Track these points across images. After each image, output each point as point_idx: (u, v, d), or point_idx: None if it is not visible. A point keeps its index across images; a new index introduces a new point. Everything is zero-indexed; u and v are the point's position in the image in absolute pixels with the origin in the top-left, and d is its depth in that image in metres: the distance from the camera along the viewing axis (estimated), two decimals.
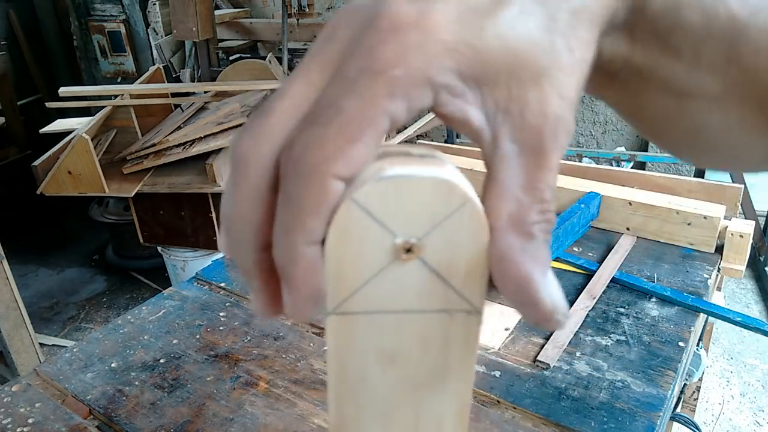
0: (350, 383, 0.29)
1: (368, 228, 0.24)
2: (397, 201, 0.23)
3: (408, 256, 0.24)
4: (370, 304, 0.26)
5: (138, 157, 2.23)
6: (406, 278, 0.25)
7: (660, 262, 1.12)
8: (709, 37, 0.26)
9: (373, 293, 0.25)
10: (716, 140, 0.30)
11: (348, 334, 0.27)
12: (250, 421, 0.79)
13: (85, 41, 3.87)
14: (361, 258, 0.24)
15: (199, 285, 1.13)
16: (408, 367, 0.28)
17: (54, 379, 0.88)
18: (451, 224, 0.24)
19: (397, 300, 0.26)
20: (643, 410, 0.78)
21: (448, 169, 0.25)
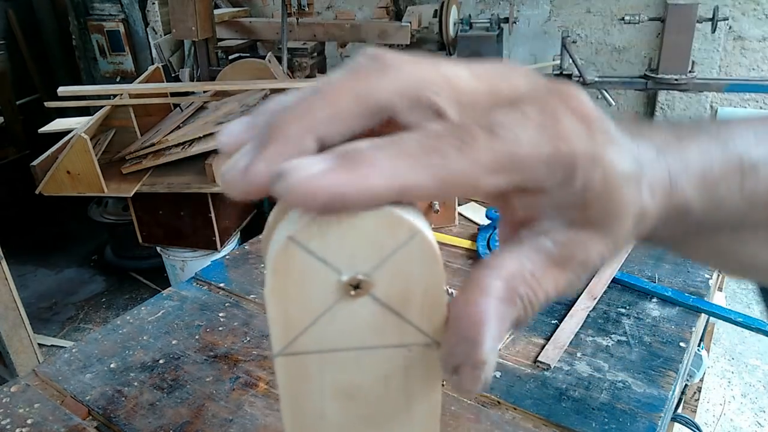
0: (307, 421, 0.28)
1: (310, 266, 0.23)
2: (339, 237, 0.22)
3: (357, 293, 0.23)
4: (321, 343, 0.25)
5: (137, 157, 2.22)
6: (357, 315, 0.24)
7: (661, 262, 1.12)
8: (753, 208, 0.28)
9: (323, 332, 0.24)
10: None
11: (300, 373, 0.26)
12: (249, 422, 0.79)
13: (84, 41, 3.86)
14: (306, 297, 0.23)
15: (198, 285, 1.12)
16: (368, 403, 0.27)
17: (53, 379, 0.88)
18: (401, 258, 0.23)
19: (350, 337, 0.25)
20: (644, 411, 0.78)
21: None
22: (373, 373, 0.26)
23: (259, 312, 1.03)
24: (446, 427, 0.76)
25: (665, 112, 3.20)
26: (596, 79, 2.54)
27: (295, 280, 0.23)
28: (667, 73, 2.44)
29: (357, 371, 0.26)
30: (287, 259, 0.23)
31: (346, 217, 0.22)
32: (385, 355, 0.25)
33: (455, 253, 1.20)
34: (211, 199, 2.26)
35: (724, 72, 3.10)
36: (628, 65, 3.25)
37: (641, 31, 3.14)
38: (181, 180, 2.20)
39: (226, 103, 2.47)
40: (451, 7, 2.73)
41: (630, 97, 3.32)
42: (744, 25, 2.98)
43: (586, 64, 3.16)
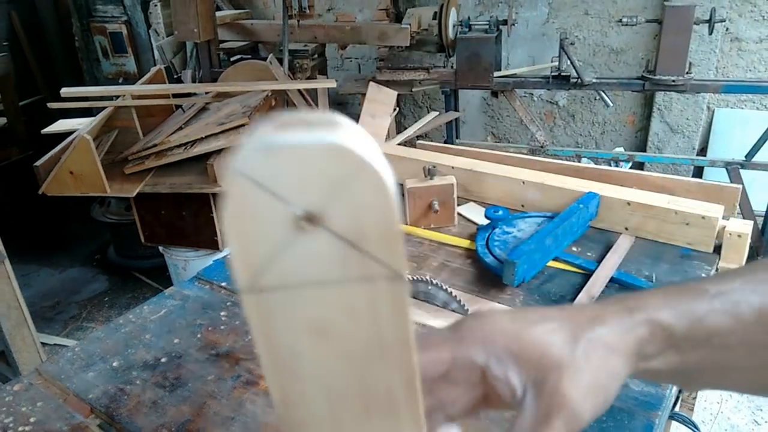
0: (284, 360, 0.28)
1: (261, 200, 0.23)
2: (288, 170, 0.22)
3: (312, 226, 0.23)
4: (286, 278, 0.25)
5: (139, 158, 2.23)
6: (316, 249, 0.24)
7: (658, 262, 1.13)
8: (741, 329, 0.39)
9: (286, 267, 0.24)
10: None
11: (269, 311, 0.26)
12: (251, 419, 0.80)
13: (86, 42, 3.87)
14: (262, 232, 0.24)
15: (200, 284, 1.13)
16: (341, 340, 0.27)
17: (56, 378, 0.89)
18: (351, 190, 0.23)
19: (313, 271, 0.25)
20: (642, 409, 0.78)
21: (343, 133, 0.23)
22: (341, 307, 0.26)
23: None
24: None
25: (662, 113, 3.21)
26: (594, 80, 2.55)
27: (250, 214, 0.23)
28: (664, 74, 2.44)
29: (325, 306, 0.26)
30: (238, 192, 0.23)
31: (294, 150, 0.22)
32: (351, 289, 0.25)
33: (454, 253, 1.20)
34: (212, 198, 2.27)
35: (721, 73, 3.11)
36: (626, 67, 3.26)
37: (639, 33, 3.15)
38: (183, 180, 2.21)
39: (227, 104, 2.48)
40: (451, 9, 2.74)
41: (627, 98, 3.33)
42: (741, 27, 2.99)
43: (584, 66, 3.16)
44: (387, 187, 0.23)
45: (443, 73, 2.74)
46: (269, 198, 0.23)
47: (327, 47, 3.42)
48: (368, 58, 3.81)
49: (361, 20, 3.44)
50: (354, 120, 1.23)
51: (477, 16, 3.37)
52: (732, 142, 3.11)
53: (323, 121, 0.23)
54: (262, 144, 0.22)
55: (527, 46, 3.43)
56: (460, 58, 2.63)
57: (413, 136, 2.20)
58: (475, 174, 1.38)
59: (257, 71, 2.64)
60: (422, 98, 3.79)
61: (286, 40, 2.72)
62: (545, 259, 1.12)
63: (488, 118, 3.73)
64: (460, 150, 1.55)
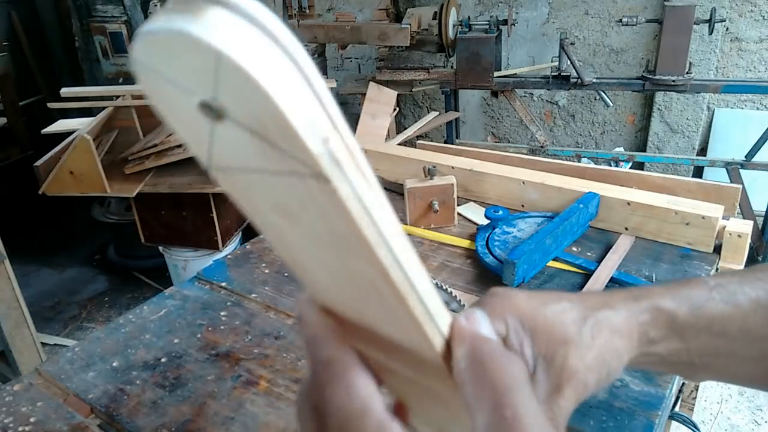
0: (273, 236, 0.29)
1: (166, 89, 0.22)
2: (176, 62, 0.21)
3: (218, 116, 0.22)
4: (228, 162, 0.25)
5: (139, 158, 2.23)
6: (234, 138, 0.23)
7: (658, 262, 1.13)
8: (739, 316, 0.42)
9: (222, 153, 0.24)
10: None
11: (235, 187, 0.26)
12: (251, 419, 0.80)
13: (86, 42, 3.87)
14: (183, 120, 0.24)
15: (201, 284, 1.13)
16: (304, 224, 0.27)
17: (56, 378, 0.88)
18: (226, 81, 0.21)
19: (243, 160, 0.24)
20: (642, 409, 0.78)
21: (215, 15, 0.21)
22: (289, 195, 0.25)
23: (260, 311, 1.04)
24: None
25: (662, 113, 3.21)
26: (594, 80, 2.55)
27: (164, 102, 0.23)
28: (664, 74, 2.44)
29: (275, 191, 0.26)
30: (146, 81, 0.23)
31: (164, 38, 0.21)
32: (287, 180, 0.24)
33: (454, 253, 1.20)
34: (212, 199, 2.28)
35: (721, 73, 3.11)
36: (626, 67, 3.26)
37: (639, 33, 3.15)
38: (183, 180, 2.21)
39: None
40: (451, 9, 2.74)
41: (627, 98, 3.33)
42: (741, 27, 2.99)
43: (584, 66, 3.17)
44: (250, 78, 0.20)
45: (443, 73, 2.74)
46: (170, 86, 0.22)
47: (327, 47, 3.42)
48: (368, 58, 3.82)
49: (361, 20, 3.44)
50: (354, 120, 1.23)
51: (477, 16, 3.37)
52: (732, 142, 3.11)
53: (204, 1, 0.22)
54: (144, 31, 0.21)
55: (527, 46, 3.43)
56: (460, 58, 2.63)
57: (413, 136, 2.20)
58: (475, 174, 1.38)
59: None
60: (422, 98, 3.79)
61: None
62: (545, 259, 1.12)
63: (488, 118, 3.73)
64: (460, 150, 1.55)
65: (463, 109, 3.54)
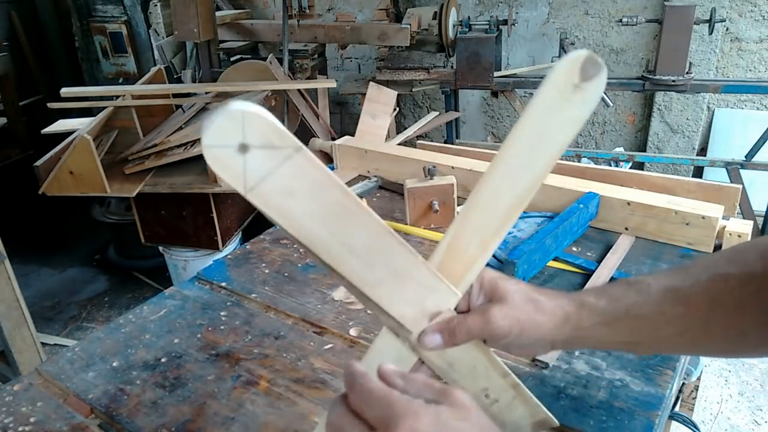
0: (292, 217, 0.45)
1: (218, 152, 0.41)
2: (220, 132, 0.40)
3: (246, 149, 0.41)
4: (257, 176, 0.42)
5: (139, 158, 2.23)
6: (255, 157, 0.42)
7: (658, 262, 1.13)
8: (651, 302, 0.55)
9: (253, 173, 0.42)
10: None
11: (262, 196, 0.43)
12: (251, 420, 0.80)
13: (86, 42, 3.87)
14: (228, 167, 0.41)
15: (200, 284, 1.13)
16: (305, 201, 0.44)
17: (55, 378, 0.88)
18: (249, 125, 0.41)
19: (266, 167, 0.42)
20: (642, 409, 0.78)
21: (232, 105, 0.41)
22: (290, 178, 0.43)
23: (260, 311, 1.04)
24: None
25: (662, 113, 3.21)
26: None
27: (218, 164, 0.41)
28: (664, 74, 2.44)
29: (283, 179, 0.43)
30: (210, 156, 0.40)
31: (218, 121, 0.40)
32: (285, 169, 0.43)
33: None
34: (212, 199, 2.27)
35: (721, 73, 3.11)
36: (626, 67, 3.26)
37: (639, 33, 3.15)
38: (183, 180, 2.21)
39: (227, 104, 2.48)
40: (451, 9, 2.74)
41: (627, 98, 3.33)
42: (741, 27, 2.99)
43: None
44: (262, 115, 0.41)
45: (443, 73, 2.74)
46: (221, 150, 0.40)
47: (327, 47, 3.42)
48: (368, 58, 3.82)
49: (361, 20, 3.44)
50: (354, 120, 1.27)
51: (477, 16, 3.37)
52: (732, 142, 3.11)
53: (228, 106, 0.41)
54: (207, 124, 0.40)
55: (527, 46, 3.43)
56: (460, 58, 2.63)
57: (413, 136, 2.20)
58: (475, 174, 1.38)
59: (257, 71, 2.64)
60: (422, 98, 3.79)
61: (286, 40, 2.72)
62: (545, 259, 1.12)
63: (488, 118, 3.73)
64: (460, 150, 1.55)
65: (463, 109, 3.54)
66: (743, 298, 0.51)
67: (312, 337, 0.96)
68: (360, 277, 0.49)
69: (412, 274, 0.50)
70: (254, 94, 2.48)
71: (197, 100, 2.60)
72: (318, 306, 1.04)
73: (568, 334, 0.56)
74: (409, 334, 0.54)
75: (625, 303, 0.55)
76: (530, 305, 0.56)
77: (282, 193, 0.43)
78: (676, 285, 0.54)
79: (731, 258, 0.54)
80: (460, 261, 0.53)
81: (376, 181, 1.53)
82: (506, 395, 0.61)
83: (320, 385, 0.85)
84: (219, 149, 0.39)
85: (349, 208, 0.46)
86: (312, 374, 0.88)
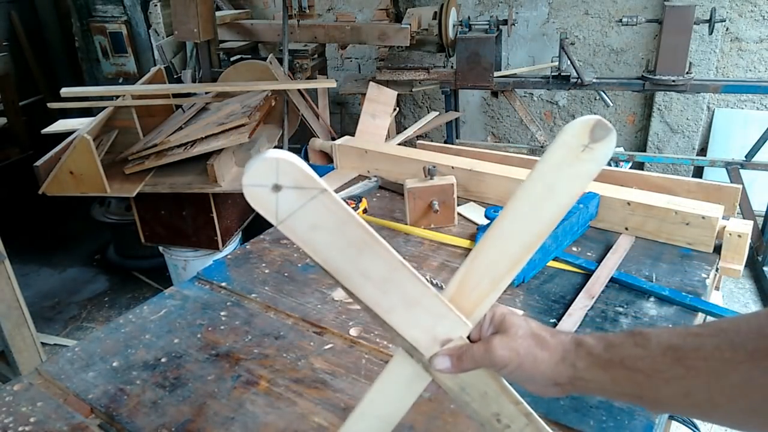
0: (319, 250, 0.51)
1: (256, 191, 0.47)
2: (256, 174, 0.46)
3: (279, 189, 0.47)
4: (285, 212, 0.48)
5: (139, 158, 2.23)
6: (288, 196, 0.48)
7: (658, 262, 1.13)
8: (648, 356, 0.53)
9: (281, 207, 0.48)
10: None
11: (291, 227, 0.49)
12: (250, 420, 0.80)
13: (86, 42, 3.87)
14: (262, 201, 0.47)
15: (200, 284, 1.13)
16: (328, 234, 0.50)
17: (56, 378, 0.89)
18: (282, 170, 0.47)
19: (291, 205, 0.48)
20: (642, 409, 0.78)
21: (268, 153, 0.47)
22: (316, 216, 0.49)
23: (260, 311, 1.04)
24: (445, 425, 0.77)
25: (662, 113, 3.21)
26: (594, 80, 2.55)
27: (255, 200, 0.47)
28: (664, 74, 2.44)
29: (310, 215, 0.49)
30: (249, 194, 0.47)
31: (255, 166, 0.47)
32: (311, 207, 0.49)
33: (455, 253, 1.20)
34: (212, 199, 2.27)
35: (721, 73, 3.11)
36: (626, 67, 3.26)
37: (639, 33, 3.15)
38: (183, 180, 2.21)
39: (227, 104, 2.48)
40: (451, 9, 2.74)
41: (627, 98, 3.33)
42: (741, 27, 2.99)
43: (584, 66, 3.17)
44: (293, 162, 0.47)
45: (443, 73, 2.74)
46: (259, 189, 0.47)
47: (327, 47, 3.42)
48: (368, 58, 3.82)
49: (361, 20, 3.44)
50: (354, 120, 1.30)
51: (477, 16, 3.37)
52: (732, 142, 3.11)
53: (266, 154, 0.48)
54: (247, 167, 0.47)
55: (527, 46, 3.43)
56: (460, 58, 2.63)
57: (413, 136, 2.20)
58: (475, 174, 1.38)
59: (257, 71, 2.64)
60: (422, 98, 3.79)
61: (286, 40, 2.72)
62: (545, 259, 1.12)
63: (488, 118, 3.73)
64: (460, 150, 1.55)
65: (463, 109, 3.54)
66: (753, 376, 0.47)
67: (312, 337, 0.96)
68: (376, 303, 0.54)
69: (423, 303, 0.56)
70: (254, 94, 2.48)
71: (197, 100, 2.60)
72: (318, 306, 1.04)
73: (568, 374, 0.56)
74: (422, 357, 0.59)
75: (621, 352, 0.54)
76: (532, 340, 0.57)
77: (308, 227, 0.49)
78: (678, 344, 0.52)
79: (749, 328, 0.49)
80: (472, 295, 0.58)
81: (376, 181, 1.53)
82: (518, 422, 0.64)
83: (320, 385, 0.85)
84: (256, 188, 0.46)
85: (367, 241, 0.51)
86: (312, 374, 0.88)
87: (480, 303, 0.58)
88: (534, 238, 0.56)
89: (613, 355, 0.54)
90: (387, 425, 0.62)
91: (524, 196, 0.55)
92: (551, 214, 0.55)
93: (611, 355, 0.54)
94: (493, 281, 0.57)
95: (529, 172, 0.55)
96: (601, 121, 0.53)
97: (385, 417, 0.62)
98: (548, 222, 0.56)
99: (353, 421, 0.60)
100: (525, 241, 0.56)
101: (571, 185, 0.55)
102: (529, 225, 0.56)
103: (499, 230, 0.56)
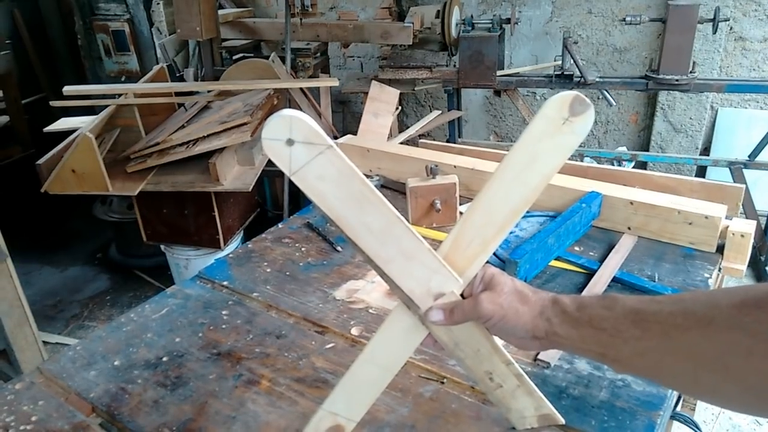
0: (325, 202, 0.56)
1: (273, 144, 0.52)
2: (274, 129, 0.52)
3: (292, 143, 0.53)
4: (298, 164, 0.53)
5: (141, 156, 2.23)
6: (299, 151, 0.53)
7: (661, 262, 1.12)
8: (612, 317, 0.58)
9: (294, 160, 0.53)
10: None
11: (304, 178, 0.54)
12: (252, 419, 0.80)
13: (89, 40, 3.87)
14: (278, 153, 0.53)
15: (202, 283, 1.13)
16: (333, 186, 0.55)
17: (57, 377, 0.88)
18: (295, 126, 0.53)
19: (303, 158, 0.54)
20: (644, 409, 0.78)
21: (284, 112, 0.53)
22: (324, 167, 0.54)
23: (262, 310, 1.04)
24: (447, 424, 0.77)
25: (666, 112, 3.20)
26: (597, 79, 2.54)
27: (273, 152, 0.53)
28: (667, 73, 2.44)
29: (318, 168, 0.54)
30: (267, 146, 0.53)
31: (275, 121, 0.53)
32: (320, 160, 0.54)
33: None
34: (214, 197, 2.27)
35: (724, 72, 3.10)
36: (629, 66, 3.25)
37: (642, 32, 3.14)
38: (185, 179, 2.21)
39: (230, 103, 2.48)
40: (454, 7, 2.74)
41: (631, 97, 3.32)
42: (745, 26, 2.97)
43: (588, 65, 3.16)
44: (303, 120, 0.53)
45: (446, 71, 2.74)
46: (275, 142, 0.52)
47: (329, 46, 3.42)
48: (371, 57, 3.81)
49: (363, 19, 3.43)
50: (357, 119, 1.32)
51: (480, 14, 3.37)
52: (735, 142, 3.10)
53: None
54: (266, 123, 0.52)
55: (530, 45, 3.42)
56: (462, 57, 2.62)
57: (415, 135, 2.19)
58: (477, 173, 1.38)
59: (259, 70, 2.64)
60: (425, 97, 3.78)
61: (289, 39, 2.72)
62: (547, 259, 1.11)
63: (491, 117, 3.72)
64: (463, 149, 1.54)
65: (466, 108, 3.54)
66: (698, 341, 0.52)
67: (313, 336, 0.96)
68: (376, 253, 0.60)
69: (418, 256, 0.61)
70: (256, 92, 2.48)
71: (199, 99, 2.60)
72: (319, 305, 1.04)
73: (545, 327, 0.61)
74: (417, 309, 0.64)
75: (590, 312, 0.59)
76: (515, 296, 0.63)
77: (316, 178, 0.54)
78: (640, 308, 0.56)
79: (705, 300, 0.54)
80: (464, 255, 0.63)
81: (378, 180, 1.52)
82: (510, 382, 0.70)
83: (321, 385, 0.85)
84: (273, 141, 0.52)
85: (367, 195, 0.57)
86: (313, 373, 0.88)
87: (471, 262, 0.63)
88: (520, 203, 0.61)
89: (583, 314, 0.60)
90: (387, 373, 0.68)
91: (509, 165, 0.60)
92: (535, 182, 0.60)
93: (581, 314, 0.60)
94: (484, 242, 0.63)
95: (514, 143, 0.60)
96: (579, 96, 0.57)
97: (385, 366, 0.67)
98: (532, 189, 0.61)
99: (357, 367, 0.66)
100: (511, 205, 0.61)
101: (552, 156, 0.59)
102: (514, 191, 0.61)
103: (486, 194, 0.61)
